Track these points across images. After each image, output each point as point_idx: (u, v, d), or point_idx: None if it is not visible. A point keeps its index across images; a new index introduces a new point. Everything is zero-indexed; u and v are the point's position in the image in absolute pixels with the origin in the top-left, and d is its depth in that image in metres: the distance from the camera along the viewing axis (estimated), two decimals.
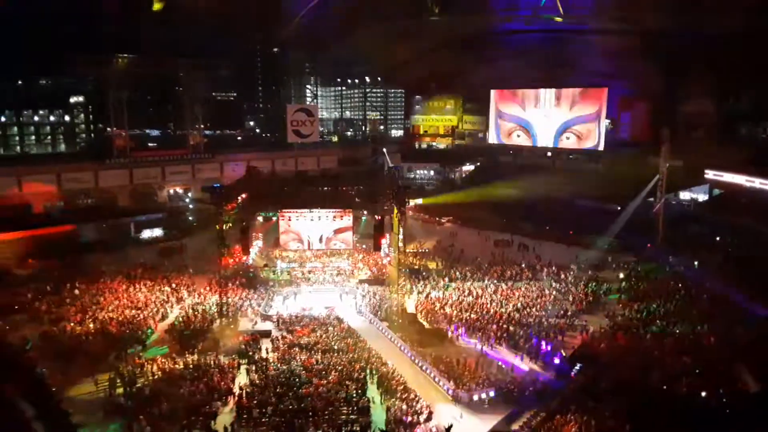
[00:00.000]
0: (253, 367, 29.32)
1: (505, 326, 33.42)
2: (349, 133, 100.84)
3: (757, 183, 50.42)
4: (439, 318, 35.75)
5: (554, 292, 39.34)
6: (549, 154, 71.44)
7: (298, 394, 25.78)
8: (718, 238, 46.04)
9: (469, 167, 79.72)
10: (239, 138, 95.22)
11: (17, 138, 77.34)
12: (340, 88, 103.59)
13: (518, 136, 72.75)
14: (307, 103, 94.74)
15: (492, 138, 75.78)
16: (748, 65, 52.11)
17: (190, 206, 62.73)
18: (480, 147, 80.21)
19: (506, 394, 26.64)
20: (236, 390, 26.90)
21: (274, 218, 46.25)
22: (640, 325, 32.75)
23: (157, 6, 61.67)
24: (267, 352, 31.24)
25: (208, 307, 37.34)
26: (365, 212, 45.67)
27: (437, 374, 28.49)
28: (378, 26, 70.49)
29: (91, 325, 33.31)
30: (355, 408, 25.05)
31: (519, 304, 36.94)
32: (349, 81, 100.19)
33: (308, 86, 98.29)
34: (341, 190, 45.98)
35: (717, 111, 60.94)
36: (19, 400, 25.28)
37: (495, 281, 41.96)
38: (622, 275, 42.62)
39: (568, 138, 67.96)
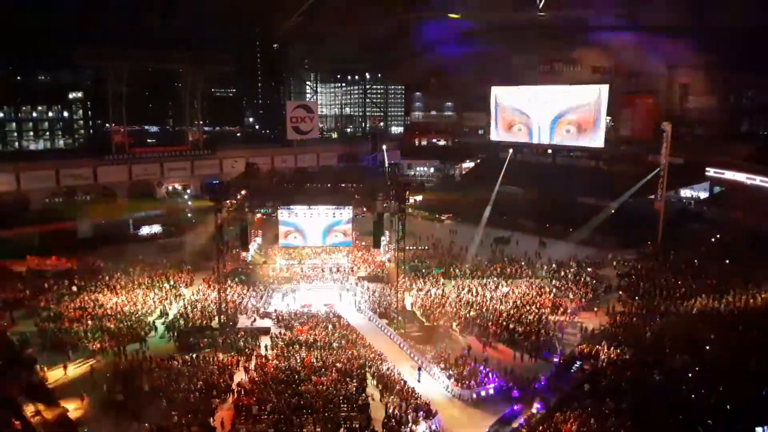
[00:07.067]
0: (252, 364, 29.28)
1: (504, 324, 33.35)
2: (348, 130, 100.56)
3: (758, 180, 50.21)
4: (439, 315, 35.67)
5: (554, 290, 39.24)
6: (549, 151, 71.08)
7: (297, 391, 25.73)
8: (718, 236, 45.90)
9: (469, 164, 79.43)
10: (238, 134, 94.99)
11: (15, 134, 77.03)
12: (340, 85, 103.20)
13: (519, 129, 71.95)
14: (307, 99, 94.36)
15: (494, 135, 75.28)
16: (753, 60, 51.80)
17: (189, 203, 62.56)
18: (480, 144, 79.84)
19: (506, 392, 26.61)
20: (235, 387, 26.85)
21: (274, 215, 46.13)
22: (640, 322, 32.65)
23: None
24: (266, 350, 31.20)
25: (207, 304, 37.26)
26: (365, 209, 45.64)
27: (437, 371, 28.43)
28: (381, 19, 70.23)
29: (90, 322, 33.26)
30: (355, 405, 24.99)
31: (519, 302, 36.85)
32: (349, 77, 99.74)
33: (308, 82, 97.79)
34: (341, 186, 45.88)
35: (720, 107, 60.62)
36: (20, 398, 25.24)
37: (495, 278, 41.86)
38: (622, 272, 42.50)
39: (567, 131, 67.11)
